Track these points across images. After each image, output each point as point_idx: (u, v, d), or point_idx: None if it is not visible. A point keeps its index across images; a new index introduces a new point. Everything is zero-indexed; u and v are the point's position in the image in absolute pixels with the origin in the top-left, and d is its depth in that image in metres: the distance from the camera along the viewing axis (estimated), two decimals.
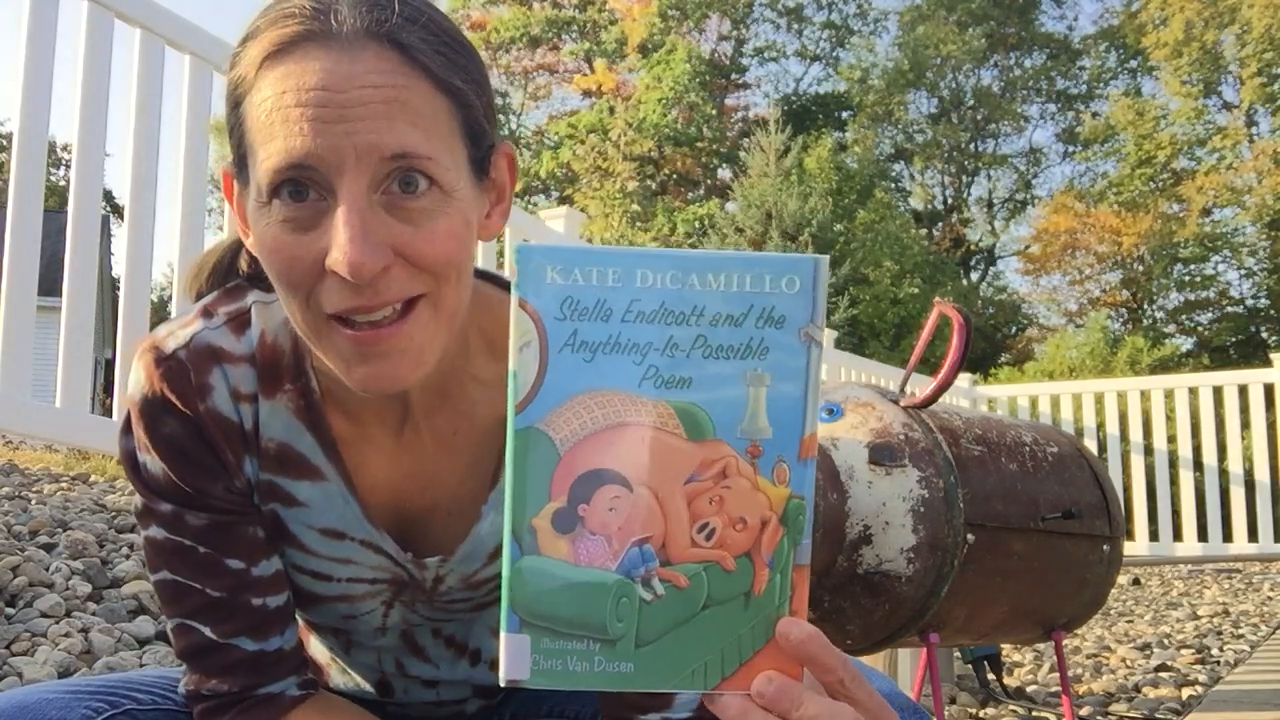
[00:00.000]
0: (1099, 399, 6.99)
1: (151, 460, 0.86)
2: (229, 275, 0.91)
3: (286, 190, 0.71)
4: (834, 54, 30.55)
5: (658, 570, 0.57)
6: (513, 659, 0.56)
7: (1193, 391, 6.68)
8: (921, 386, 1.92)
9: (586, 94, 29.28)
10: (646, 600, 0.56)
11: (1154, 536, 6.65)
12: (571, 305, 0.55)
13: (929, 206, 29.58)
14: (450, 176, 0.74)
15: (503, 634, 0.56)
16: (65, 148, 16.14)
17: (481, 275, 0.91)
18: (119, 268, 5.08)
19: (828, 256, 0.58)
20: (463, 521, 0.90)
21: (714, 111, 27.70)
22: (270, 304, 0.87)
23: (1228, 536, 6.37)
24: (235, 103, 0.75)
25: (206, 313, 0.87)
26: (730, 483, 0.57)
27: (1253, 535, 6.31)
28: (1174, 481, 6.63)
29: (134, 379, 0.86)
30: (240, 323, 0.87)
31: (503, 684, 0.56)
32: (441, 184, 0.73)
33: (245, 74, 0.73)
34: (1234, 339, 24.88)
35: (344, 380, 0.77)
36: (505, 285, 0.92)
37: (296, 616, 0.94)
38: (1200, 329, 25.88)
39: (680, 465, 0.56)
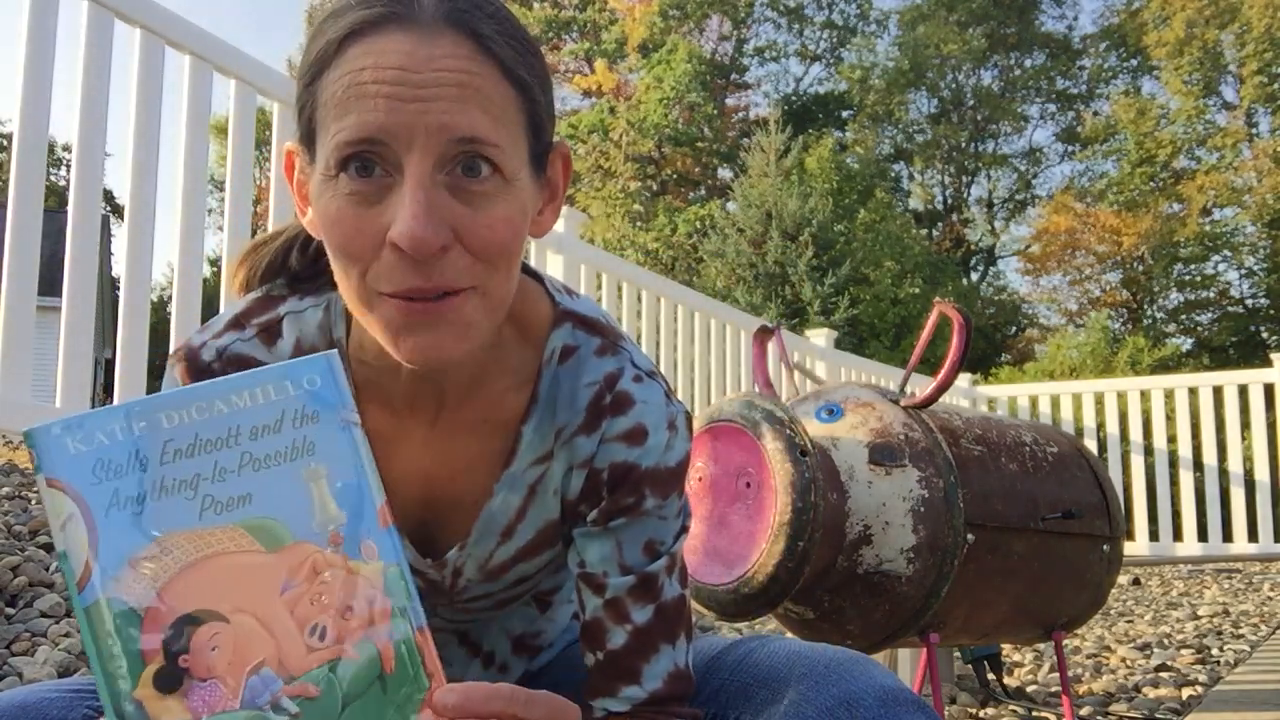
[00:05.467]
0: (1099, 399, 6.99)
1: None
2: (280, 274, 0.93)
3: (354, 165, 0.73)
4: (835, 54, 30.55)
5: (284, 690, 0.55)
6: None
7: (1193, 391, 6.68)
8: (921, 386, 1.92)
9: (587, 94, 29.26)
10: None
11: (1154, 536, 6.66)
12: (103, 467, 0.55)
13: (929, 206, 29.56)
14: (513, 165, 0.76)
15: None
16: (65, 148, 16.14)
17: None
18: (119, 268, 5.08)
19: (335, 350, 0.62)
20: (476, 504, 0.91)
21: (714, 111, 27.67)
22: (303, 312, 0.89)
23: (1228, 536, 6.37)
24: (311, 79, 0.77)
25: (238, 324, 0.89)
26: (325, 576, 0.56)
27: (1253, 535, 6.32)
28: (1174, 481, 6.63)
29: (168, 382, 0.89)
30: (271, 334, 0.89)
31: None
32: (504, 171, 0.75)
33: (325, 51, 0.75)
34: (1234, 339, 24.86)
35: (391, 353, 0.77)
36: (533, 273, 0.94)
37: None
38: (1200, 329, 25.87)
39: (269, 579, 0.56)
